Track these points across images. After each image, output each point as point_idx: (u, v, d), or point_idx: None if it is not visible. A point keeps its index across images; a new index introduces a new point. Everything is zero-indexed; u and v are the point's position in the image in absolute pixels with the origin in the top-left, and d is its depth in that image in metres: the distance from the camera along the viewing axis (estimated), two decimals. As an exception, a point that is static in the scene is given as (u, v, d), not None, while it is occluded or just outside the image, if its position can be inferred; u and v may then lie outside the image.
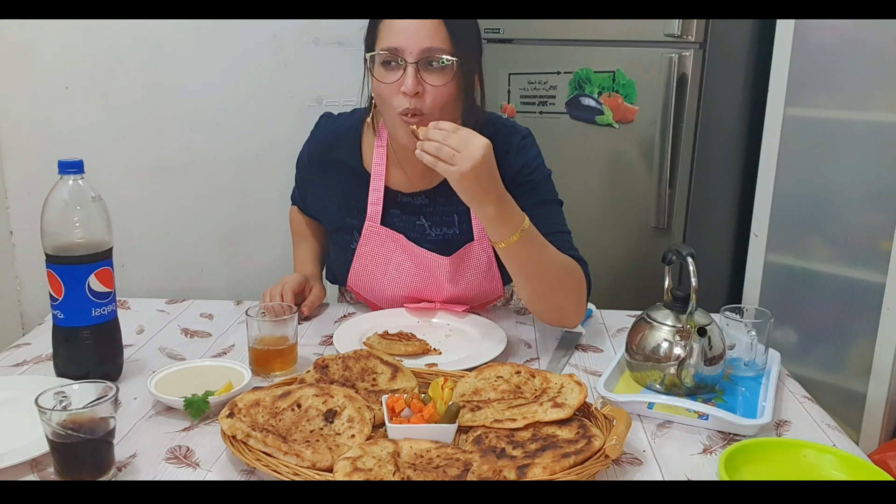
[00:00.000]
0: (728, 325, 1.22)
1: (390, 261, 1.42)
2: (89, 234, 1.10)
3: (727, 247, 2.45)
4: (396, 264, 1.42)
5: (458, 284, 1.43)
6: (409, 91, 1.21)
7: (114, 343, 1.17)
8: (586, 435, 0.94)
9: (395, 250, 1.41)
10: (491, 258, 1.41)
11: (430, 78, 1.22)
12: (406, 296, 1.46)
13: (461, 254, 1.40)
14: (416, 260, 1.41)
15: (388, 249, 1.41)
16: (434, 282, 1.43)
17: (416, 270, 1.42)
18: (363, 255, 1.42)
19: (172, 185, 2.40)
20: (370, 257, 1.42)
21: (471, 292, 1.45)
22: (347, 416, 0.98)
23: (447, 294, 1.44)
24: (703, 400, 1.11)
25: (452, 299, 1.45)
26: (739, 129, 2.34)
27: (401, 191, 1.42)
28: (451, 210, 1.41)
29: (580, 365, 1.28)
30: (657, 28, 2.11)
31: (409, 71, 1.20)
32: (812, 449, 0.98)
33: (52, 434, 0.86)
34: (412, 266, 1.42)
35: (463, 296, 1.45)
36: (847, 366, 2.10)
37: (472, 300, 1.48)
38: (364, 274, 1.44)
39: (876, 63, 1.98)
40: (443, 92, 1.23)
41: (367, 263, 1.43)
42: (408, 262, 1.42)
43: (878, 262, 1.98)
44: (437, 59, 1.22)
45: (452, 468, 0.88)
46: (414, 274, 1.43)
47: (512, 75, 2.36)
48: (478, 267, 1.42)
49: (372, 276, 1.44)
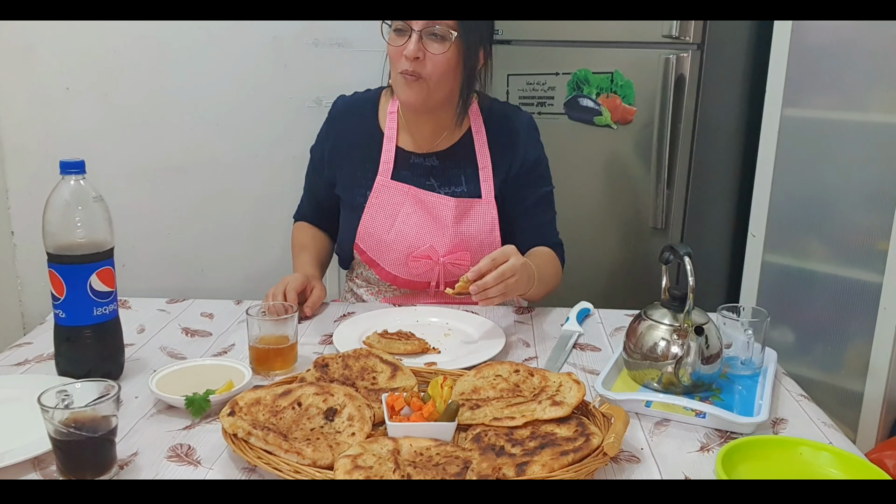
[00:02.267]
0: (725, 325, 1.23)
1: (398, 213, 1.51)
2: (91, 234, 1.10)
3: (725, 247, 2.46)
4: (404, 216, 1.50)
5: (461, 230, 1.51)
6: (409, 55, 1.36)
7: (115, 342, 1.18)
8: (585, 433, 0.94)
9: (403, 203, 1.51)
10: (495, 220, 1.53)
11: (431, 46, 1.37)
12: (411, 248, 1.51)
13: (468, 203, 1.52)
14: (423, 207, 1.50)
15: (397, 202, 1.51)
16: (439, 227, 1.50)
17: (422, 220, 1.51)
18: (373, 207, 1.51)
19: (173, 185, 2.41)
20: (379, 209, 1.51)
21: (473, 245, 1.52)
22: (347, 414, 0.99)
23: (451, 240, 1.50)
24: (700, 398, 1.11)
25: (455, 249, 1.50)
26: (737, 129, 2.35)
27: (412, 151, 1.53)
28: (459, 172, 1.53)
29: (578, 363, 1.28)
30: (655, 29, 2.12)
31: (413, 38, 1.36)
32: (808, 447, 0.99)
33: (55, 432, 0.87)
34: (419, 217, 1.51)
35: (465, 246, 1.51)
36: (844, 365, 2.11)
37: (474, 255, 1.51)
38: (372, 227, 1.51)
39: (873, 64, 1.99)
40: (441, 60, 1.38)
41: (377, 215, 1.51)
42: (415, 213, 1.50)
43: (875, 262, 1.99)
44: (439, 29, 1.36)
45: (452, 466, 0.89)
46: (420, 224, 1.51)
47: (510, 76, 2.37)
48: (482, 223, 1.52)
49: (380, 228, 1.51)
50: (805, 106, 2.11)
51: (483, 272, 1.27)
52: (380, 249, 1.53)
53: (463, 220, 1.51)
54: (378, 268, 1.55)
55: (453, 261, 1.51)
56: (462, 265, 1.51)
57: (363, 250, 1.55)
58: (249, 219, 2.49)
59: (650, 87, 2.14)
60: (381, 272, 1.55)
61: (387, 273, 1.55)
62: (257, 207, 2.48)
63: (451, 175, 1.53)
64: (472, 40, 1.40)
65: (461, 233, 1.51)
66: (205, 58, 2.35)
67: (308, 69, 2.44)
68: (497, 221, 1.54)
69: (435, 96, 1.43)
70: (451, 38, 1.37)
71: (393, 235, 1.51)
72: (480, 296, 1.27)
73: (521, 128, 1.56)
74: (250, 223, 2.49)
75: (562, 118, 2.31)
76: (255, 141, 2.44)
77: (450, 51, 1.38)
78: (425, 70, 1.38)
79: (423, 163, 1.53)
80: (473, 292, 1.27)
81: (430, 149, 1.53)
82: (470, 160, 1.54)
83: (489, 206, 1.53)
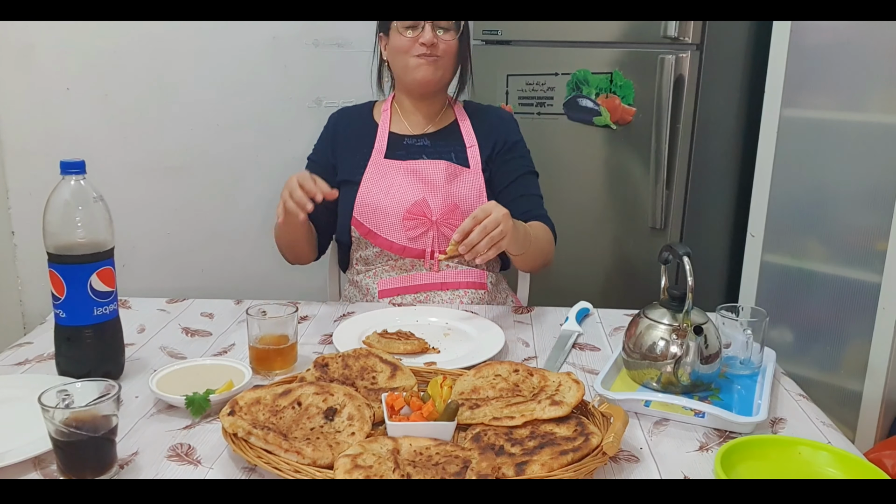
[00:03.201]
0: (724, 324, 1.23)
1: (393, 184, 1.60)
2: (91, 234, 1.11)
3: (724, 247, 2.46)
4: (398, 185, 1.60)
5: (452, 192, 1.59)
6: (427, 41, 1.53)
7: (115, 342, 1.18)
8: (584, 432, 0.94)
9: (396, 175, 1.60)
10: (482, 188, 1.63)
11: (442, 34, 1.55)
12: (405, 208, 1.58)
13: (457, 169, 1.63)
14: (416, 174, 1.60)
15: (391, 176, 1.61)
16: (431, 189, 1.59)
17: (415, 184, 1.59)
18: (369, 180, 1.60)
19: (173, 185, 2.41)
20: (375, 181, 1.60)
21: (463, 209, 1.60)
22: (347, 413, 0.99)
23: (443, 200, 1.58)
24: (699, 398, 1.11)
25: (448, 211, 1.58)
26: (736, 129, 2.36)
27: (406, 134, 1.66)
28: (449, 149, 1.65)
29: (578, 363, 1.29)
30: (654, 29, 2.12)
31: (427, 27, 1.53)
32: (807, 446, 0.99)
33: (55, 432, 0.87)
34: (412, 183, 1.59)
35: (456, 208, 1.59)
36: (843, 365, 2.11)
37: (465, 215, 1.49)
38: (368, 196, 1.59)
39: (871, 64, 1.99)
40: (452, 45, 1.57)
41: (372, 186, 1.60)
42: (408, 181, 1.60)
43: (874, 262, 1.99)
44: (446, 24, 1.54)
45: (452, 465, 0.89)
46: (413, 187, 1.59)
47: (510, 76, 2.37)
48: (471, 188, 1.62)
49: (377, 195, 1.59)
50: (804, 106, 2.12)
51: (467, 230, 1.32)
52: (376, 215, 1.58)
53: (453, 182, 1.61)
54: (375, 237, 1.59)
55: (446, 220, 1.57)
56: (454, 224, 1.56)
57: (361, 222, 1.59)
58: (249, 219, 2.49)
59: (649, 87, 2.14)
60: (379, 240, 1.59)
61: (384, 240, 1.58)
62: (257, 207, 2.48)
63: (441, 150, 1.65)
64: (466, 28, 1.60)
65: (452, 194, 1.59)
66: (205, 58, 2.35)
67: (308, 69, 2.44)
68: (484, 190, 1.63)
69: (447, 75, 1.61)
70: (453, 26, 1.56)
71: (388, 200, 1.58)
72: (471, 253, 1.32)
73: (502, 115, 1.73)
74: (250, 223, 2.50)
75: (561, 118, 2.31)
76: (254, 141, 2.45)
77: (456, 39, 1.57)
78: (440, 51, 1.55)
79: (416, 143, 1.65)
80: (463, 251, 1.32)
81: (424, 130, 1.67)
82: (457, 139, 1.66)
83: (476, 176, 1.63)
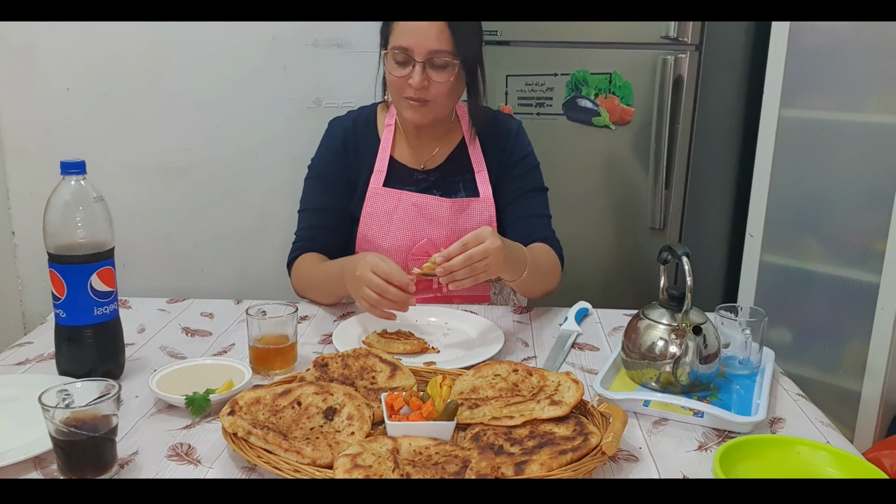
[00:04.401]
0: (723, 324, 1.24)
1: (392, 219, 1.52)
2: (91, 234, 1.11)
3: (723, 247, 2.46)
4: (398, 221, 1.52)
5: (458, 226, 1.53)
6: (416, 85, 1.40)
7: (115, 342, 1.18)
8: (583, 432, 0.95)
9: (396, 209, 1.52)
10: (492, 217, 1.56)
11: (434, 75, 1.41)
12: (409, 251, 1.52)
13: (465, 203, 1.54)
14: (417, 209, 1.52)
15: (390, 209, 1.53)
16: (436, 226, 1.53)
17: (417, 222, 1.52)
18: (367, 216, 1.53)
19: (173, 185, 2.41)
20: (373, 217, 1.53)
21: None
22: (347, 413, 0.99)
23: (447, 235, 1.52)
24: (698, 398, 1.12)
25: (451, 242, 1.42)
26: (735, 130, 2.36)
27: (413, 167, 1.56)
28: (459, 180, 1.57)
29: (577, 363, 1.29)
30: (653, 30, 2.13)
31: (417, 69, 1.39)
32: (806, 446, 0.99)
33: (55, 432, 0.87)
34: (413, 220, 1.52)
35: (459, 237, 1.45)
36: (842, 365, 2.11)
37: None
38: (370, 234, 1.53)
39: (870, 65, 1.99)
40: (445, 86, 1.42)
41: (371, 224, 1.53)
42: (408, 217, 1.52)
43: (873, 262, 1.99)
44: (439, 60, 1.39)
45: (451, 465, 0.89)
46: (416, 226, 1.52)
47: (509, 77, 2.37)
48: (478, 217, 1.55)
49: (377, 235, 1.53)
50: (802, 106, 2.12)
51: (452, 255, 1.22)
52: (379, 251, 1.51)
53: (459, 216, 1.54)
54: None
55: None
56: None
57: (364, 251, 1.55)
58: (249, 219, 2.49)
59: (648, 87, 2.15)
60: None
61: None
62: (257, 207, 2.48)
63: (452, 183, 1.57)
64: (470, 63, 1.44)
65: (458, 229, 1.53)
66: (205, 58, 2.35)
67: (307, 70, 2.44)
68: (494, 219, 1.56)
69: (441, 115, 1.50)
70: (452, 66, 1.40)
71: (390, 242, 1.52)
72: (447, 278, 1.23)
73: (511, 127, 1.61)
74: (250, 223, 2.49)
75: (560, 119, 2.32)
76: (254, 141, 2.45)
77: (453, 77, 1.42)
78: (430, 94, 1.42)
79: (428, 178, 1.56)
80: (440, 274, 1.22)
81: (430, 163, 1.57)
82: (465, 165, 1.57)
83: (487, 204, 1.56)
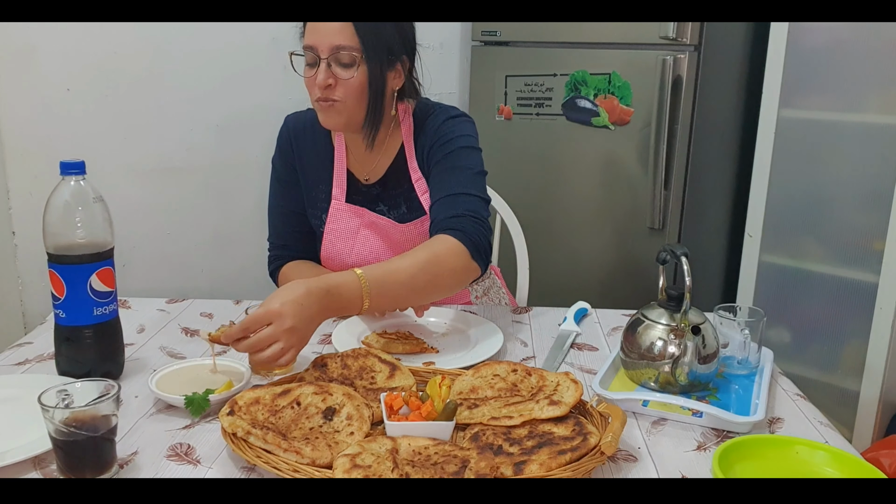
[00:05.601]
0: (722, 324, 1.24)
1: (357, 236, 1.51)
2: (91, 235, 1.11)
3: (722, 247, 2.47)
4: (362, 238, 1.51)
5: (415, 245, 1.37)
6: (320, 84, 1.37)
7: (115, 342, 1.18)
8: (582, 432, 0.95)
9: (359, 226, 1.51)
10: None
11: (340, 72, 1.37)
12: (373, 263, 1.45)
13: (414, 225, 1.50)
14: (377, 230, 1.51)
15: (354, 225, 1.51)
16: (394, 245, 1.50)
17: (378, 243, 1.51)
18: (331, 232, 1.52)
19: (173, 185, 2.41)
20: (338, 234, 1.52)
21: None
22: (346, 413, 0.99)
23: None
24: (697, 397, 1.12)
25: None
26: (734, 130, 2.36)
27: (360, 179, 1.54)
28: (399, 193, 1.52)
29: (576, 363, 1.29)
30: (652, 30, 2.13)
31: (322, 66, 1.37)
32: (804, 446, 0.99)
33: (55, 432, 0.87)
34: (375, 239, 1.51)
35: None
36: (840, 365, 2.12)
37: None
38: (333, 251, 1.52)
39: (868, 65, 2.00)
40: (353, 84, 1.37)
41: (336, 240, 1.52)
42: (371, 236, 1.51)
43: (871, 261, 2.00)
44: (344, 55, 1.35)
45: (450, 465, 0.89)
46: (378, 248, 1.51)
47: (509, 77, 2.38)
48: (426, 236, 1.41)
49: (340, 252, 1.52)
50: (801, 107, 2.12)
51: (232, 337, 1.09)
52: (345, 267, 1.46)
53: (415, 239, 1.49)
54: None
55: None
56: None
57: (331, 269, 1.55)
58: (249, 219, 2.49)
59: (647, 88, 2.15)
60: None
61: None
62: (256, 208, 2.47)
63: (394, 196, 1.52)
64: (378, 59, 1.37)
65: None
66: (204, 59, 2.35)
67: (307, 70, 2.44)
68: None
69: (355, 118, 1.42)
70: (356, 62, 1.36)
71: (354, 258, 1.51)
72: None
73: (439, 115, 1.50)
74: (250, 223, 2.50)
75: (560, 119, 2.32)
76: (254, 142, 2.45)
77: (359, 73, 1.37)
78: (337, 94, 1.38)
79: (371, 191, 1.53)
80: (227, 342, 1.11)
81: (372, 176, 1.52)
82: (404, 176, 1.50)
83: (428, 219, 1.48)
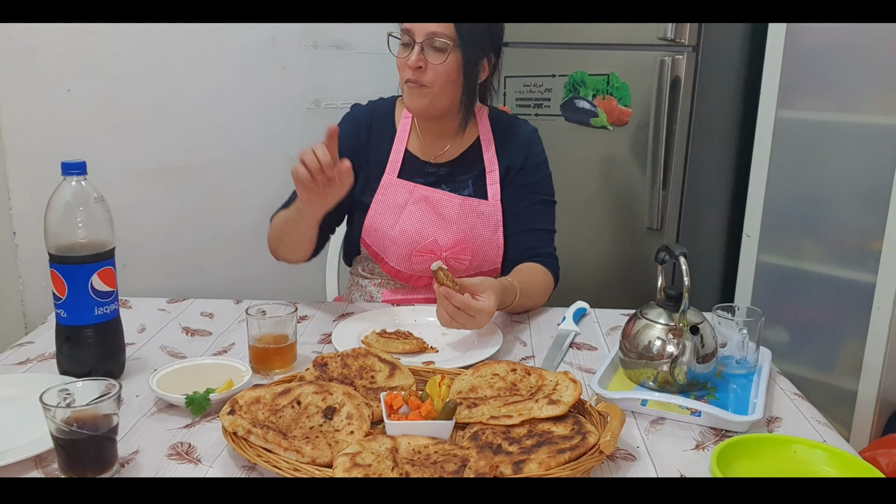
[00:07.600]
0: (720, 324, 1.24)
1: (403, 209, 1.55)
2: (92, 235, 1.11)
3: (720, 247, 2.47)
4: (408, 213, 1.54)
5: (465, 227, 1.54)
6: (411, 64, 1.43)
7: (116, 341, 1.19)
8: (581, 431, 0.95)
9: (408, 200, 1.55)
10: (499, 222, 1.57)
11: (431, 57, 1.44)
12: (414, 244, 1.54)
13: (473, 203, 1.56)
14: (428, 203, 1.55)
15: (402, 199, 1.55)
16: (443, 223, 1.54)
17: (426, 216, 1.54)
18: (378, 203, 1.56)
19: (173, 186, 2.41)
20: (385, 205, 1.56)
21: (476, 244, 1.55)
22: (346, 412, 1.00)
23: (454, 235, 1.53)
24: (695, 397, 1.12)
25: (458, 244, 1.54)
26: (732, 130, 2.37)
27: (426, 160, 1.59)
28: (468, 177, 1.58)
29: (575, 363, 1.30)
30: (651, 31, 2.13)
31: (415, 49, 1.43)
32: (803, 445, 1.00)
33: (56, 431, 0.88)
34: (423, 212, 1.54)
35: (468, 243, 1.54)
36: (838, 364, 2.12)
37: (476, 253, 1.55)
38: (377, 222, 1.55)
39: (866, 66, 2.00)
40: (441, 70, 1.44)
41: (381, 211, 1.55)
42: (419, 209, 1.54)
43: (869, 261, 2.00)
44: (438, 42, 1.42)
45: (450, 464, 0.90)
46: (424, 220, 1.54)
47: (507, 78, 2.38)
48: (486, 223, 1.56)
49: (385, 223, 1.55)
50: (799, 107, 2.13)
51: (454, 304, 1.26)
52: (384, 244, 1.55)
53: (467, 217, 1.55)
54: (383, 263, 1.58)
55: (455, 255, 1.54)
56: (463, 260, 1.54)
57: (368, 244, 1.58)
58: (249, 219, 2.50)
59: (646, 88, 2.15)
60: (386, 267, 1.58)
61: (391, 268, 1.57)
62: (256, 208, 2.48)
63: (460, 180, 1.58)
64: (471, 51, 1.45)
65: (465, 230, 1.54)
66: (205, 60, 2.35)
67: (307, 71, 2.45)
68: (501, 224, 1.57)
69: (438, 104, 1.49)
70: (448, 48, 1.42)
71: (397, 231, 1.54)
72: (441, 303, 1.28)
73: (525, 133, 1.62)
74: (250, 223, 2.50)
75: (558, 120, 2.32)
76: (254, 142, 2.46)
77: (449, 60, 1.44)
78: (426, 78, 1.44)
79: (437, 171, 1.58)
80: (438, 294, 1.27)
81: (440, 158, 1.58)
82: (477, 164, 1.58)
83: (494, 209, 1.57)
